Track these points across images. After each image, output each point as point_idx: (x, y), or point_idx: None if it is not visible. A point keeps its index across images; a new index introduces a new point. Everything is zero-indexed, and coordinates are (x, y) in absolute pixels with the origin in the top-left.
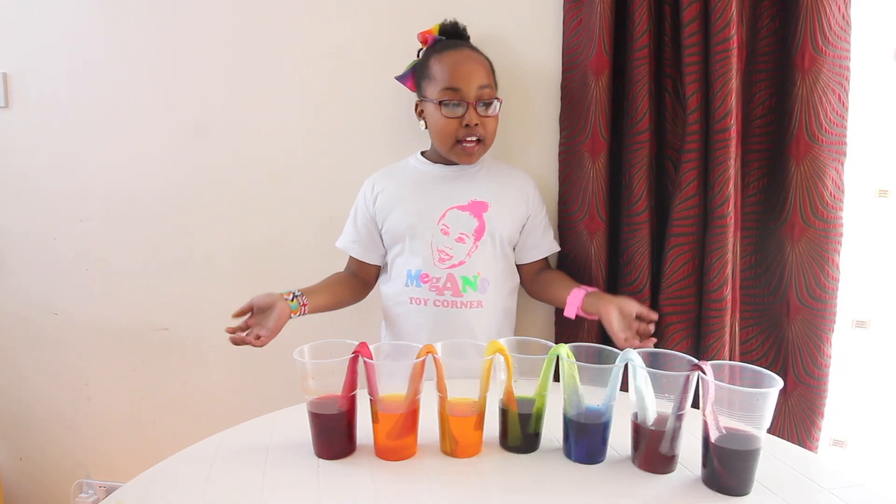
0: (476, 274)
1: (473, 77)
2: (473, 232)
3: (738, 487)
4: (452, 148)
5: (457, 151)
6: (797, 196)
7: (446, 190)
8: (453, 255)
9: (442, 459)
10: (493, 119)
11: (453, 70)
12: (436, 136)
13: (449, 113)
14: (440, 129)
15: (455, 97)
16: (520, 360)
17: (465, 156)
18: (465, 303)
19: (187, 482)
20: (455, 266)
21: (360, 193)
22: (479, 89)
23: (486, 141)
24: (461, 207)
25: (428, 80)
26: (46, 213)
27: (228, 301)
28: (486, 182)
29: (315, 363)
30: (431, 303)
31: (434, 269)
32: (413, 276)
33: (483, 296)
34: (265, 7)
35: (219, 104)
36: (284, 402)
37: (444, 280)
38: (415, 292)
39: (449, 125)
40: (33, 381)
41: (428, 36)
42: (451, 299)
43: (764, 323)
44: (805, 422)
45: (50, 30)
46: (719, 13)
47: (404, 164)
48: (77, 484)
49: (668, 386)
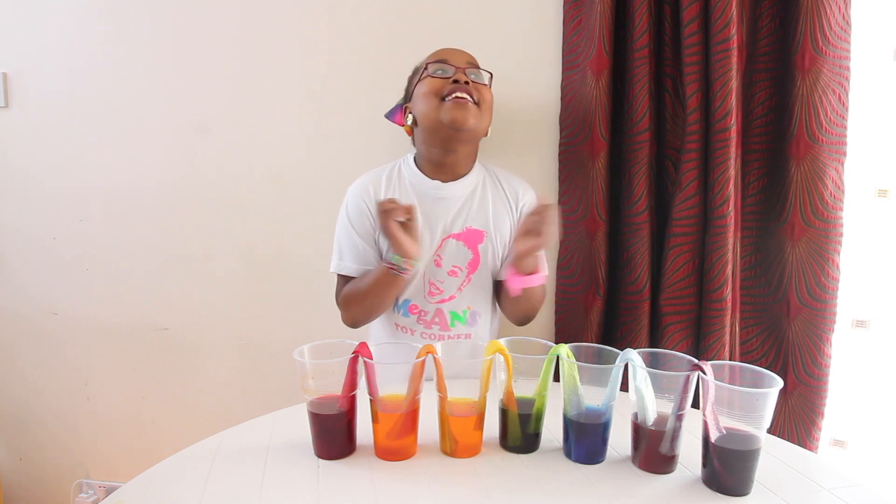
0: (466, 308)
1: (462, 55)
2: (467, 265)
3: (738, 487)
4: (439, 107)
5: (445, 109)
6: (797, 196)
7: (443, 214)
8: (444, 290)
9: (442, 459)
10: (486, 88)
11: (442, 50)
12: (423, 107)
13: (436, 74)
14: (426, 94)
15: (442, 66)
16: (520, 360)
17: (456, 109)
18: (452, 336)
19: (187, 482)
20: (444, 301)
21: (353, 203)
22: (467, 64)
23: (481, 105)
24: (456, 236)
25: (417, 76)
26: (46, 213)
27: (228, 301)
28: (484, 204)
29: (315, 363)
30: (419, 334)
31: (423, 301)
32: (401, 305)
33: (472, 329)
34: (266, 7)
35: (219, 104)
36: (284, 402)
37: (433, 314)
38: (402, 320)
39: (434, 84)
40: (33, 380)
41: None
42: (438, 333)
43: (764, 323)
44: (805, 422)
45: (50, 30)
46: (719, 13)
47: (397, 172)
48: (77, 484)
49: (668, 386)
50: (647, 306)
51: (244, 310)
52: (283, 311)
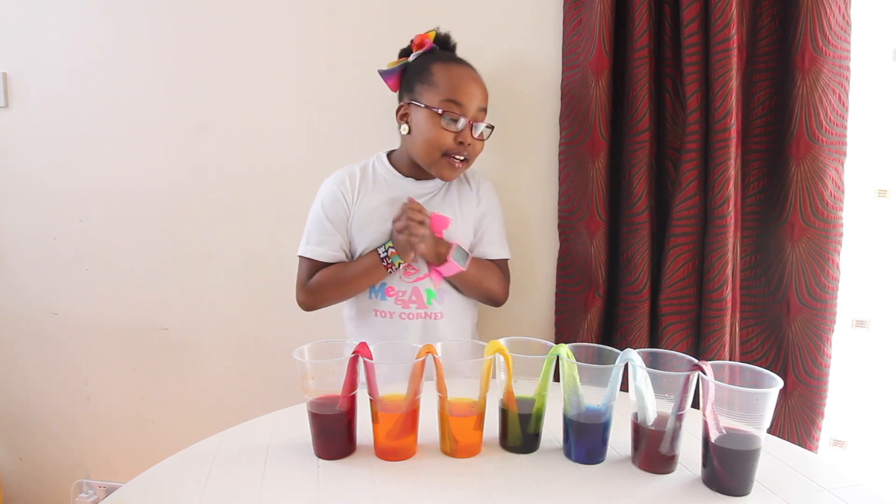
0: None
1: (476, 96)
2: None
3: (738, 487)
4: (438, 160)
5: (441, 164)
6: (797, 196)
7: None
8: (418, 269)
9: (442, 459)
10: (481, 144)
11: (460, 84)
12: (423, 145)
13: (447, 125)
14: (432, 139)
15: (457, 111)
16: (520, 360)
17: (449, 169)
18: (429, 314)
19: (187, 482)
20: (420, 279)
21: (329, 191)
22: (479, 111)
23: (470, 161)
24: None
25: (428, 85)
26: (46, 213)
27: (228, 301)
28: (451, 197)
29: (315, 363)
30: (397, 315)
31: (399, 282)
32: (377, 290)
33: (442, 306)
34: (266, 7)
35: (219, 104)
36: (284, 402)
37: (410, 293)
38: (380, 305)
39: (443, 137)
40: (33, 380)
41: (426, 40)
42: (416, 311)
43: (764, 323)
44: (805, 422)
45: (50, 30)
46: (719, 13)
47: (371, 169)
48: (77, 484)
49: (668, 386)
50: (646, 306)
51: (244, 310)
52: (283, 311)
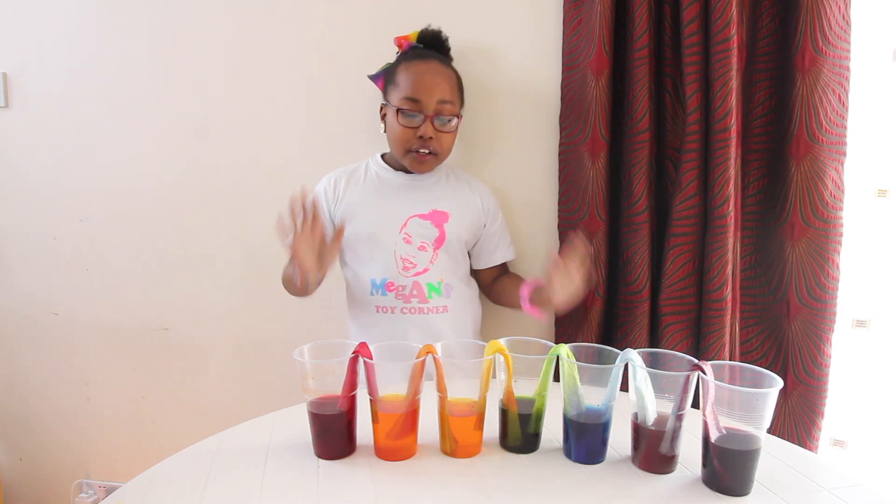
0: (440, 280)
1: (435, 91)
2: (434, 241)
3: (738, 487)
4: (405, 155)
5: (409, 159)
6: (797, 196)
7: (407, 199)
8: (417, 264)
9: (442, 459)
10: (449, 135)
11: (416, 81)
12: (391, 142)
13: (406, 122)
14: (396, 136)
15: (414, 108)
16: (520, 360)
17: (417, 164)
18: (431, 308)
19: (187, 482)
20: (420, 273)
21: (318, 188)
22: (439, 104)
23: (440, 154)
24: (422, 216)
25: (393, 85)
26: (46, 213)
27: (228, 301)
28: (446, 192)
29: (315, 363)
30: (399, 310)
31: (399, 277)
32: (378, 286)
33: (448, 301)
34: (265, 8)
35: (218, 104)
36: (284, 402)
37: (410, 288)
38: (381, 301)
39: (404, 133)
40: (33, 380)
41: (403, 41)
42: (417, 306)
43: (764, 323)
44: (805, 422)
45: (49, 30)
46: (719, 13)
47: (364, 166)
48: (77, 484)
49: (668, 386)
50: (646, 306)
51: (244, 310)
52: (283, 311)
